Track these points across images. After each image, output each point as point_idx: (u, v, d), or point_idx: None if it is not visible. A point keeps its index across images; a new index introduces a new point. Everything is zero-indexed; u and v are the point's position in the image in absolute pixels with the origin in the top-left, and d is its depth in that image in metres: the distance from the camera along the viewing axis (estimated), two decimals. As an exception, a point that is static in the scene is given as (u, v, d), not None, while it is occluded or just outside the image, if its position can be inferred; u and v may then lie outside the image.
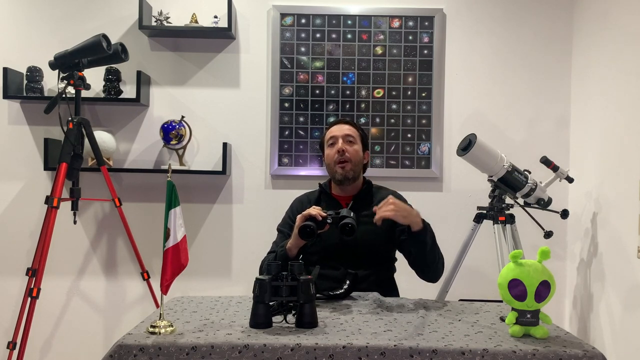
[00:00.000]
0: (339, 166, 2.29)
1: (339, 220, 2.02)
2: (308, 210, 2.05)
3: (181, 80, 3.19)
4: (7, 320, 3.11)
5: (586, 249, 2.93)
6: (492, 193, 2.72)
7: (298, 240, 2.08)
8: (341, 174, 2.29)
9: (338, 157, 2.29)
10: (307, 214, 2.04)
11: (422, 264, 2.20)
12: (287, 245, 2.14)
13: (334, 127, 2.39)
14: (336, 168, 2.30)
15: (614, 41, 2.72)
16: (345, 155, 2.29)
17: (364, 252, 2.25)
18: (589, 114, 2.97)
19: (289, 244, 2.14)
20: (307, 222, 2.02)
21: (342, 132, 2.33)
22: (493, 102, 3.20)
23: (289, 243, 2.14)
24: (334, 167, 2.31)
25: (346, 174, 2.29)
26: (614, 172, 2.67)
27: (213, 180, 3.18)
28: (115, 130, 3.16)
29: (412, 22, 3.16)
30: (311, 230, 2.00)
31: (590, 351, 1.54)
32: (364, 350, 1.52)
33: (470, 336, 1.63)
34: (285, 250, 2.14)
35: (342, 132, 2.33)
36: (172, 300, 2.08)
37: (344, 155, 2.29)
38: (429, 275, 2.24)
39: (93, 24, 3.14)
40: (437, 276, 2.25)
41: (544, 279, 1.64)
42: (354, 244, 2.22)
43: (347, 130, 2.34)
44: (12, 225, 3.15)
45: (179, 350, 1.53)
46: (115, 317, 3.18)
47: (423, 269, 2.22)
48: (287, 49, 3.16)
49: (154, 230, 3.14)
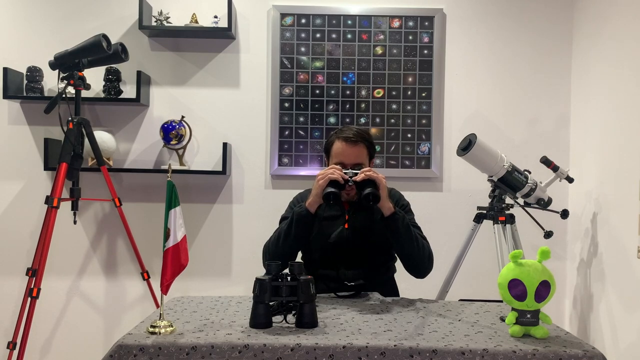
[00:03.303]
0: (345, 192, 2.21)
1: (360, 187, 2.09)
2: (328, 175, 2.09)
3: (181, 80, 3.19)
4: (7, 320, 3.11)
5: (586, 249, 2.93)
6: (492, 193, 2.73)
7: (318, 198, 2.12)
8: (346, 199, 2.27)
9: None
10: (329, 179, 2.08)
11: (402, 254, 2.19)
12: (305, 203, 2.15)
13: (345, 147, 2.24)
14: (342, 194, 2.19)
15: (614, 41, 2.72)
16: None
17: (363, 250, 2.25)
18: (589, 114, 2.97)
19: (307, 202, 2.15)
20: (331, 189, 2.07)
21: (351, 159, 2.23)
22: (493, 102, 3.20)
23: (307, 202, 2.15)
24: None
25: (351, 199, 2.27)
26: (614, 172, 2.67)
27: (213, 180, 3.18)
28: (115, 130, 3.16)
29: (412, 22, 3.16)
30: (335, 195, 2.07)
31: (590, 351, 1.54)
32: (364, 350, 1.52)
33: (470, 336, 1.64)
34: (304, 209, 2.15)
35: (351, 160, 2.23)
36: (172, 300, 2.08)
37: None
38: (414, 268, 2.21)
39: (93, 24, 3.14)
40: (422, 269, 2.21)
41: (544, 279, 1.64)
42: (352, 242, 2.23)
43: (356, 159, 2.23)
44: (12, 225, 3.15)
45: (179, 350, 1.53)
46: (115, 317, 3.18)
47: (406, 262, 2.21)
48: (287, 49, 3.16)
49: (154, 230, 3.14)
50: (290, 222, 2.18)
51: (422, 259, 2.20)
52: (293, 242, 2.18)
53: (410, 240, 2.15)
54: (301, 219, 2.15)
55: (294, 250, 2.23)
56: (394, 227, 2.13)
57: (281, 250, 2.17)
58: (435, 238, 3.17)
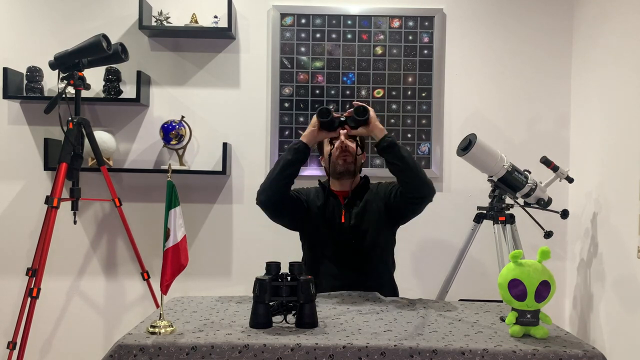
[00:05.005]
0: (341, 158, 2.35)
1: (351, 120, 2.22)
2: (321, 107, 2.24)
3: (181, 80, 3.19)
4: (7, 320, 3.11)
5: (586, 249, 2.93)
6: (492, 193, 2.72)
7: (313, 127, 2.23)
8: (342, 166, 2.35)
9: (340, 150, 2.34)
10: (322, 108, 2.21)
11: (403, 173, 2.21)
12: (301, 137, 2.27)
13: None
14: (338, 160, 2.35)
15: (614, 41, 2.72)
16: (347, 148, 2.35)
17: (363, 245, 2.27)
18: (589, 114, 2.97)
19: (303, 134, 2.27)
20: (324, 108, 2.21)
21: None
22: (493, 102, 3.20)
23: (303, 134, 2.27)
24: (335, 159, 2.34)
25: (347, 166, 2.35)
26: (614, 172, 2.67)
27: (213, 180, 3.18)
28: (115, 130, 3.16)
29: (412, 22, 3.16)
30: (327, 110, 2.19)
31: (590, 351, 1.54)
32: (364, 350, 1.52)
33: (470, 336, 1.64)
34: (299, 141, 2.25)
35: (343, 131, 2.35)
36: (172, 300, 2.09)
37: (347, 148, 2.35)
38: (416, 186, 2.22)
39: (93, 24, 3.14)
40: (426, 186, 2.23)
41: (544, 279, 1.64)
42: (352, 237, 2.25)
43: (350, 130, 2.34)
44: (12, 225, 3.15)
45: (179, 350, 1.53)
46: (115, 317, 3.18)
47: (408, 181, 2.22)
48: (287, 49, 3.16)
49: (154, 230, 3.14)
50: (286, 152, 2.27)
51: (422, 176, 2.23)
52: (284, 167, 2.23)
53: (409, 157, 2.21)
54: (293, 146, 2.24)
55: (287, 178, 2.25)
56: (389, 143, 2.18)
57: (272, 181, 2.24)
58: (435, 238, 3.19)
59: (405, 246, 2.25)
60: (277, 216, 2.32)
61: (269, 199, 2.25)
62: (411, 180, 2.21)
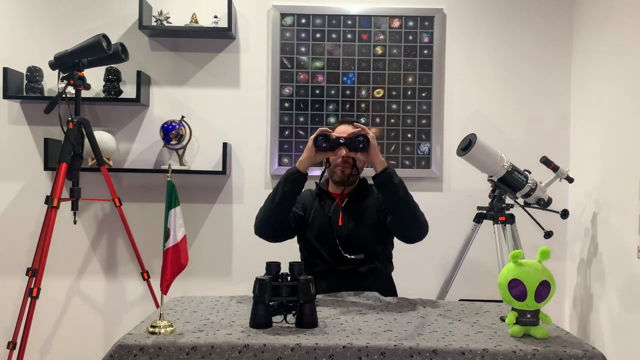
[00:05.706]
0: (340, 168, 2.31)
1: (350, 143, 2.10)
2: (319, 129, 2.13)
3: (181, 80, 3.19)
4: (7, 320, 3.11)
5: (586, 249, 2.93)
6: (492, 193, 2.73)
7: (310, 152, 2.13)
8: (340, 176, 2.33)
9: (342, 160, 2.30)
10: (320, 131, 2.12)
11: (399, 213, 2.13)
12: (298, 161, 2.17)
13: (340, 128, 2.35)
14: (336, 169, 2.32)
15: (614, 41, 2.72)
16: (349, 160, 2.29)
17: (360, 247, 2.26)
18: (589, 114, 2.97)
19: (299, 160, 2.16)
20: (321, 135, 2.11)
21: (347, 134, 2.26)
22: (493, 102, 3.20)
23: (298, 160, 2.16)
24: (333, 168, 2.32)
25: (344, 177, 2.32)
26: (614, 172, 2.67)
27: (213, 180, 3.18)
28: (115, 130, 3.16)
29: (412, 22, 3.16)
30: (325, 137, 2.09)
31: (590, 351, 1.54)
32: (364, 350, 1.52)
33: (470, 336, 1.64)
34: (294, 167, 2.16)
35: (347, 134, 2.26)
36: (172, 300, 2.09)
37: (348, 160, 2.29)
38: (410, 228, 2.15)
39: (93, 24, 3.14)
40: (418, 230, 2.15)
41: (544, 279, 1.64)
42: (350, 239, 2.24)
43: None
44: (12, 225, 3.15)
45: (179, 350, 1.53)
46: (115, 317, 3.18)
47: (402, 221, 2.14)
48: (287, 49, 3.16)
49: (154, 230, 3.14)
50: (280, 181, 2.18)
51: (417, 217, 2.13)
52: (281, 201, 2.16)
53: (406, 197, 2.10)
54: (290, 176, 2.15)
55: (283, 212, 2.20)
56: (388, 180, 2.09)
57: (270, 214, 2.19)
58: (435, 238, 3.18)
59: (405, 246, 2.25)
60: (277, 242, 2.30)
61: (267, 234, 2.23)
62: (406, 222, 2.14)
